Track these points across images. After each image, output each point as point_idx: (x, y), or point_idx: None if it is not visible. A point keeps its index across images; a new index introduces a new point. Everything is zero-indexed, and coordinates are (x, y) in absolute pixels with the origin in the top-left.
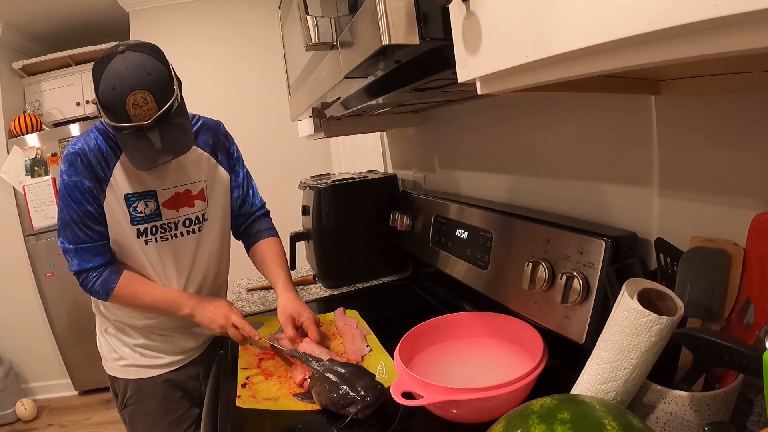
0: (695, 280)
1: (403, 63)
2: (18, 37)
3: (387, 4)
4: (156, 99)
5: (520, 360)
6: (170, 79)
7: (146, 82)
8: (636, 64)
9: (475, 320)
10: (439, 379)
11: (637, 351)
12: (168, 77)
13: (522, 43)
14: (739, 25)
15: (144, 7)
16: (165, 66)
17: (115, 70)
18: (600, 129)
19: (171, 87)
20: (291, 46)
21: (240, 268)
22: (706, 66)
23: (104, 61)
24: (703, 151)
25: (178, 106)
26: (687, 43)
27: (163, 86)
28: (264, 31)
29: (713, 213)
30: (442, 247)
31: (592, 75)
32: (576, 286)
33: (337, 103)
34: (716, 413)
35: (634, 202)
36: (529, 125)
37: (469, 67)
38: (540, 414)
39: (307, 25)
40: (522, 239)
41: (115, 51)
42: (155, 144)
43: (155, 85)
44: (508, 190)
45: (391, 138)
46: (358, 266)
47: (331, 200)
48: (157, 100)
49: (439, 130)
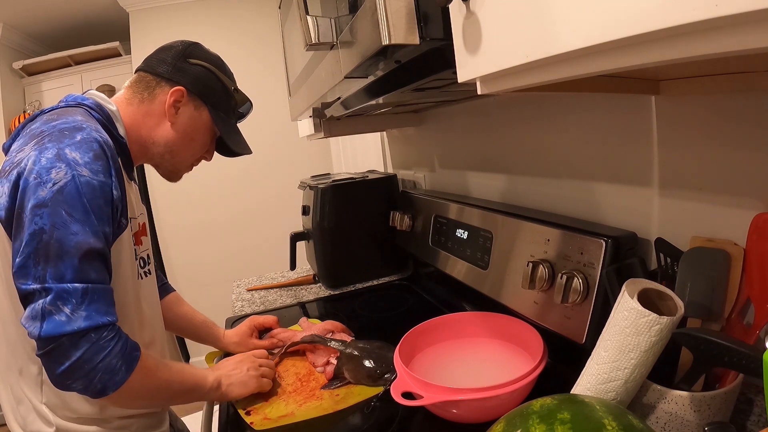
0: (695, 280)
1: (403, 63)
2: (18, 37)
3: (387, 4)
4: None
5: (520, 360)
6: None
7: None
8: (636, 64)
9: (475, 320)
10: (439, 379)
11: (637, 351)
12: None
13: (522, 43)
14: (739, 25)
15: (144, 7)
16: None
17: (216, 57)
18: (600, 129)
19: None
20: (291, 46)
21: (240, 268)
22: (706, 66)
23: (203, 48)
24: (703, 151)
25: None
26: (687, 43)
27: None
28: (264, 31)
29: (713, 213)
30: (442, 247)
31: (593, 75)
32: (576, 286)
33: (337, 103)
34: (716, 413)
35: (634, 202)
36: (529, 125)
37: (469, 67)
38: (540, 414)
39: (307, 25)
40: (522, 239)
41: (191, 42)
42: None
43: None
44: (508, 189)
45: (391, 138)
46: (358, 266)
47: (331, 200)
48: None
49: (439, 130)
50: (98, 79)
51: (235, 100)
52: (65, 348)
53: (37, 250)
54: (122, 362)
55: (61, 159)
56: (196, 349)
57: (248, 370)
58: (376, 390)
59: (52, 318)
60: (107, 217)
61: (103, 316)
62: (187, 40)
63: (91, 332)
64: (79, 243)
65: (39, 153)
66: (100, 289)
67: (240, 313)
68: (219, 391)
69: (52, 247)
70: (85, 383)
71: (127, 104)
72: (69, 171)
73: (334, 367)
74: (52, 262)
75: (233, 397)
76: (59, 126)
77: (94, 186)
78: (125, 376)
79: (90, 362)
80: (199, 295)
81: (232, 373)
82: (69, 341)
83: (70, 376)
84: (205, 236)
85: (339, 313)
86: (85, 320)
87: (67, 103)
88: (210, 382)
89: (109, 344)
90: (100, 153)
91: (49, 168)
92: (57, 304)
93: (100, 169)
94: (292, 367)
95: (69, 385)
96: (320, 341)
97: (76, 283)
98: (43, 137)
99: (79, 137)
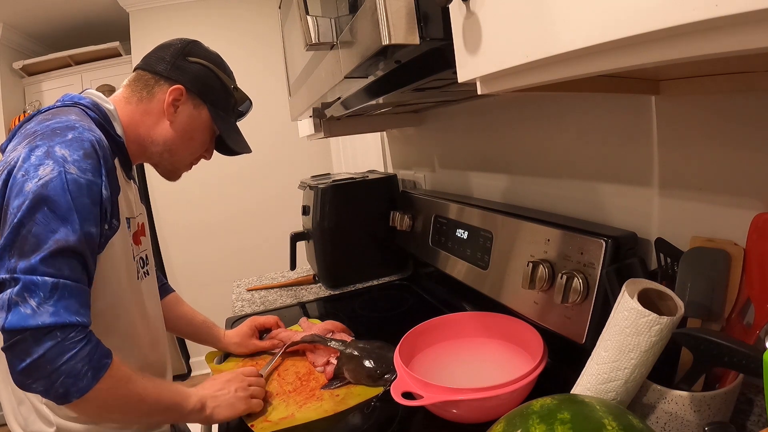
0: (695, 280)
1: (404, 63)
2: (18, 37)
3: (387, 4)
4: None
5: (520, 360)
6: None
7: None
8: (636, 64)
9: (475, 320)
10: (439, 379)
11: (637, 351)
12: None
13: (522, 43)
14: (739, 25)
15: (144, 7)
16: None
17: (215, 55)
18: (600, 129)
19: None
20: (291, 46)
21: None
22: (706, 66)
23: (202, 46)
24: (703, 151)
25: None
26: (687, 43)
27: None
28: (264, 31)
29: (713, 213)
30: (442, 247)
31: (593, 75)
32: (576, 286)
33: (337, 103)
34: (716, 413)
35: (634, 202)
36: (529, 125)
37: (469, 66)
38: (540, 414)
39: (307, 25)
40: (522, 239)
41: (190, 39)
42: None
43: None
44: (508, 189)
45: (391, 138)
46: (358, 266)
47: (331, 200)
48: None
49: (439, 130)
50: (98, 79)
51: (235, 98)
52: (27, 344)
53: (13, 242)
54: (88, 367)
55: (49, 156)
56: (196, 349)
57: (236, 391)
58: (376, 390)
59: (17, 309)
60: (94, 218)
61: (72, 315)
62: (186, 38)
63: (56, 330)
64: (56, 239)
65: (29, 151)
66: (72, 287)
67: (240, 313)
68: (203, 414)
69: (29, 241)
70: (45, 385)
71: (126, 103)
72: (56, 167)
73: (335, 367)
74: (25, 255)
75: (218, 420)
76: (52, 125)
77: (81, 184)
78: (91, 383)
79: (52, 363)
80: (199, 295)
81: (218, 394)
82: (32, 337)
83: (30, 375)
84: (205, 236)
85: (339, 313)
86: (52, 316)
87: (63, 103)
88: (192, 403)
89: (75, 346)
90: (91, 152)
91: (37, 165)
92: (24, 295)
93: (89, 168)
94: (292, 366)
95: (29, 385)
96: (320, 341)
97: (46, 277)
98: (36, 136)
99: (71, 135)
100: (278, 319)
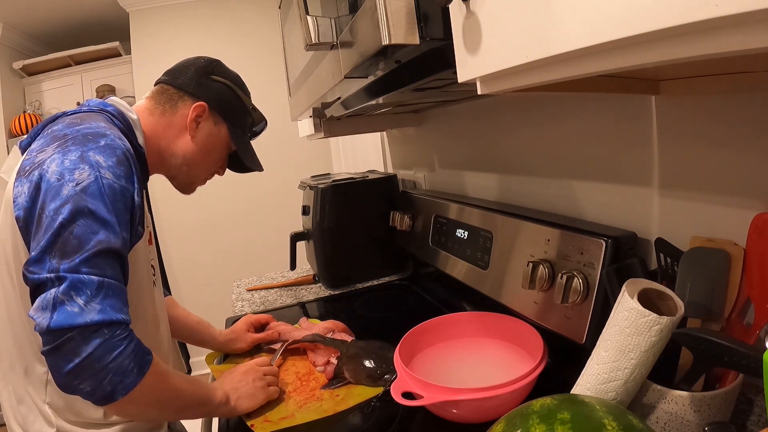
0: (695, 280)
1: (404, 63)
2: (18, 37)
3: (387, 4)
4: None
5: (520, 360)
6: None
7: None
8: (636, 64)
9: (475, 320)
10: (439, 379)
11: (637, 351)
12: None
13: (522, 43)
14: (739, 25)
15: (144, 7)
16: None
17: (236, 75)
18: (600, 129)
19: None
20: (291, 46)
21: (240, 268)
22: (706, 66)
23: (224, 66)
24: (703, 151)
25: None
26: (687, 43)
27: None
28: (264, 31)
29: (713, 213)
30: (442, 247)
31: (592, 75)
32: (576, 286)
33: (337, 103)
34: (716, 413)
35: (634, 202)
36: (529, 125)
37: (469, 67)
38: (540, 414)
39: (307, 25)
40: (522, 239)
41: (213, 59)
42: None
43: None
44: (508, 189)
45: (391, 138)
46: (358, 266)
47: (331, 200)
48: None
49: (439, 130)
50: (98, 79)
51: (253, 118)
52: (75, 343)
53: (53, 244)
54: (134, 364)
55: (84, 161)
56: (196, 350)
57: (254, 381)
58: (377, 390)
59: (64, 308)
60: (125, 223)
61: (117, 313)
62: (209, 57)
63: (104, 327)
64: (99, 240)
65: (62, 155)
66: (115, 286)
67: (240, 313)
68: (228, 407)
69: (71, 243)
70: (93, 384)
71: (149, 114)
72: (92, 172)
73: (335, 366)
74: (68, 256)
75: (242, 411)
76: (83, 130)
77: (116, 189)
78: (137, 379)
79: (101, 361)
80: (199, 295)
81: (238, 386)
82: (80, 335)
83: (79, 375)
84: (205, 236)
85: (339, 313)
86: (99, 313)
87: (90, 108)
88: (219, 397)
89: (121, 343)
90: (123, 159)
91: (72, 169)
92: (70, 293)
93: (123, 174)
94: (293, 366)
95: (76, 386)
96: (321, 340)
97: (92, 276)
98: (67, 140)
99: (103, 142)
100: (272, 317)
